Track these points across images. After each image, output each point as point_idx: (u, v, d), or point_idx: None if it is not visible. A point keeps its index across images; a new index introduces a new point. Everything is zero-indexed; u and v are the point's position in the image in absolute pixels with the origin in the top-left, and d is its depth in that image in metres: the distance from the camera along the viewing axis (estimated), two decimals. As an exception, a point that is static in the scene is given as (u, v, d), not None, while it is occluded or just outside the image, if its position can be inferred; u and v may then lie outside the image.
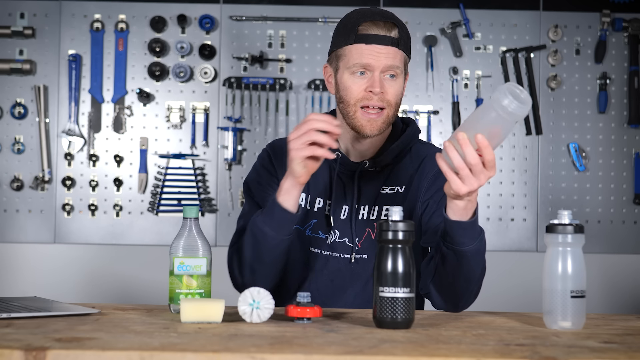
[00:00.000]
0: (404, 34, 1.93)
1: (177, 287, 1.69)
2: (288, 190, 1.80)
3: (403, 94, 1.96)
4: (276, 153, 2.05)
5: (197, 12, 3.76)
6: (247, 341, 1.36)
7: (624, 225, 3.76)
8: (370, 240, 1.97)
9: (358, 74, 1.89)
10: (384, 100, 1.89)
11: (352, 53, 1.89)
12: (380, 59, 1.87)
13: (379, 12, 1.93)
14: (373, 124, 1.90)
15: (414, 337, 1.43)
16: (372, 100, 1.89)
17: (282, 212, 1.81)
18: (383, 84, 1.88)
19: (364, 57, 1.88)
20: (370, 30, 1.89)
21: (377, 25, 1.89)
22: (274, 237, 1.82)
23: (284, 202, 1.81)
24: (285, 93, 3.75)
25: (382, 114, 1.90)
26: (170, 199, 3.72)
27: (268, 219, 1.82)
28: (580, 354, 1.31)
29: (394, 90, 1.90)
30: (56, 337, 1.36)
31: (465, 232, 1.72)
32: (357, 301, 1.96)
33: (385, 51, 1.88)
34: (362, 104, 1.89)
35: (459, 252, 1.75)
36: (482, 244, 1.78)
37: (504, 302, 3.55)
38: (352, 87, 1.90)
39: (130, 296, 3.70)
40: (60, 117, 3.73)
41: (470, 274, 1.79)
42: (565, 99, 3.78)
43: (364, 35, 1.88)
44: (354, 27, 1.89)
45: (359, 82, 1.90)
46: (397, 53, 1.90)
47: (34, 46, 3.74)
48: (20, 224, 3.71)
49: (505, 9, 3.79)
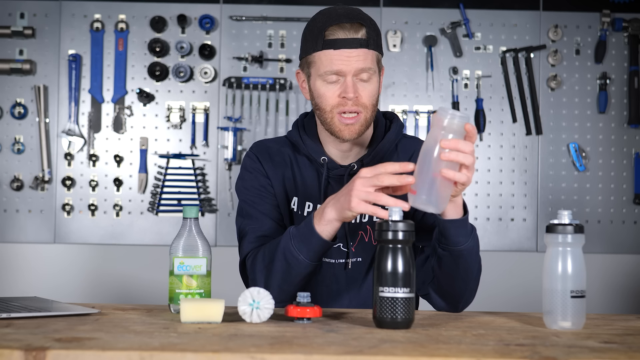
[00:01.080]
0: (372, 31, 1.86)
1: (177, 287, 1.69)
2: (331, 221, 1.74)
3: (380, 91, 1.92)
4: (263, 154, 2.02)
5: (197, 12, 3.76)
6: (247, 341, 1.36)
7: (624, 225, 3.76)
8: (363, 243, 1.96)
9: (331, 80, 1.86)
10: (359, 104, 1.85)
11: (321, 60, 1.85)
12: (351, 63, 1.83)
13: (345, 13, 1.86)
14: (351, 129, 1.87)
15: (414, 337, 1.43)
16: (346, 105, 1.85)
17: (320, 241, 1.76)
18: (357, 88, 1.85)
19: (334, 64, 1.83)
20: (337, 34, 1.83)
21: (343, 28, 1.83)
22: (309, 265, 1.80)
23: (323, 232, 1.75)
24: (285, 93, 3.75)
25: (359, 118, 1.87)
26: (170, 199, 3.72)
27: (304, 248, 1.78)
28: (580, 354, 1.31)
29: (369, 92, 1.86)
30: (56, 337, 1.36)
31: (459, 231, 1.73)
32: (352, 304, 1.95)
33: (355, 54, 1.83)
34: (338, 110, 1.86)
35: (455, 252, 1.75)
36: (476, 241, 1.78)
37: (504, 302, 3.55)
38: (327, 95, 1.86)
39: (130, 296, 3.70)
40: (60, 117, 3.73)
41: (468, 273, 1.80)
42: (565, 99, 3.78)
43: (331, 41, 1.83)
44: (320, 32, 1.84)
45: (332, 88, 1.86)
46: (367, 54, 1.84)
47: (34, 46, 3.74)
48: (20, 224, 3.71)
49: (505, 9, 3.79)
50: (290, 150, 2.02)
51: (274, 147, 2.03)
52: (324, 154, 1.96)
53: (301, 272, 1.80)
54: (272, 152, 2.02)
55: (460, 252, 1.75)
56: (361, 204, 1.66)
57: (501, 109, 3.78)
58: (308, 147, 1.98)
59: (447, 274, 1.80)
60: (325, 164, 1.95)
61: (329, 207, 1.74)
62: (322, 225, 1.75)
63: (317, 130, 1.99)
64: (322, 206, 1.77)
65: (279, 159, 2.01)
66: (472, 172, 1.65)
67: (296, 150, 2.01)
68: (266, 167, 2.00)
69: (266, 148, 2.03)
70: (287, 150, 2.02)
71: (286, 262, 1.80)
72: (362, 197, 1.66)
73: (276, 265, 1.82)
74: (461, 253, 1.75)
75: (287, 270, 1.81)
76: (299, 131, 2.00)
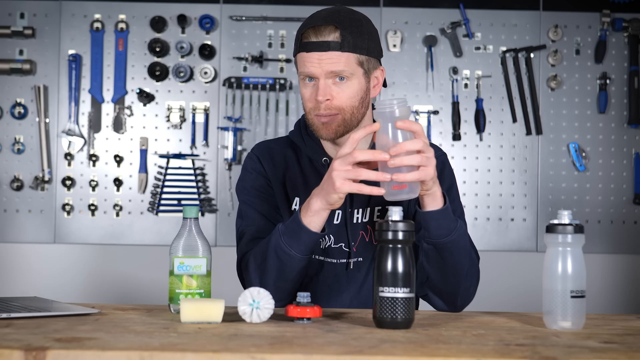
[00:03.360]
0: (349, 34, 1.84)
1: (177, 287, 1.69)
2: (318, 212, 1.75)
3: (376, 92, 1.93)
4: (264, 155, 2.02)
5: (197, 12, 3.76)
6: (247, 341, 1.36)
7: (624, 225, 3.76)
8: (364, 243, 1.96)
9: (307, 81, 1.87)
10: (331, 107, 1.85)
11: (299, 62, 1.88)
12: (322, 65, 1.83)
13: (325, 15, 1.86)
14: (327, 127, 1.87)
15: (414, 337, 1.43)
16: (319, 109, 1.86)
17: (309, 234, 1.77)
18: (330, 90, 1.85)
19: (306, 66, 1.85)
20: (310, 37, 1.84)
21: (316, 31, 1.84)
22: (301, 259, 1.80)
23: (310, 224, 1.76)
24: (285, 93, 3.75)
25: (336, 118, 1.86)
26: (170, 199, 3.72)
27: (294, 243, 1.78)
28: (580, 354, 1.31)
29: (345, 94, 1.85)
30: (56, 337, 1.36)
31: (440, 222, 1.73)
32: (353, 304, 1.95)
33: (325, 57, 1.83)
34: (314, 112, 1.87)
35: (439, 245, 1.76)
36: (462, 234, 1.78)
37: (504, 302, 3.55)
38: (305, 96, 1.88)
39: (130, 296, 3.71)
40: (60, 117, 3.73)
41: (456, 267, 1.80)
42: (565, 99, 3.78)
43: (304, 44, 1.85)
44: (299, 35, 1.87)
45: (309, 90, 1.87)
46: (340, 56, 1.83)
47: (34, 46, 3.74)
48: (20, 224, 3.71)
49: (505, 9, 3.79)
50: (292, 150, 2.02)
51: (276, 147, 2.03)
52: (325, 155, 1.96)
53: (294, 267, 1.81)
54: (273, 153, 2.02)
55: (444, 245, 1.76)
56: (345, 183, 1.67)
57: (501, 109, 3.78)
58: (309, 147, 1.98)
59: (435, 269, 1.80)
60: (327, 165, 1.95)
61: (314, 197, 1.75)
62: (309, 217, 1.76)
63: None
64: (307, 199, 1.78)
65: (280, 160, 2.01)
66: (431, 166, 1.65)
67: (298, 151, 2.02)
68: (267, 167, 2.00)
69: (267, 149, 2.03)
70: (288, 151, 2.02)
71: (278, 259, 1.80)
72: (343, 175, 1.67)
73: (269, 264, 1.82)
74: (445, 246, 1.76)
75: (281, 268, 1.81)
76: (301, 131, 2.00)
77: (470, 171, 3.76)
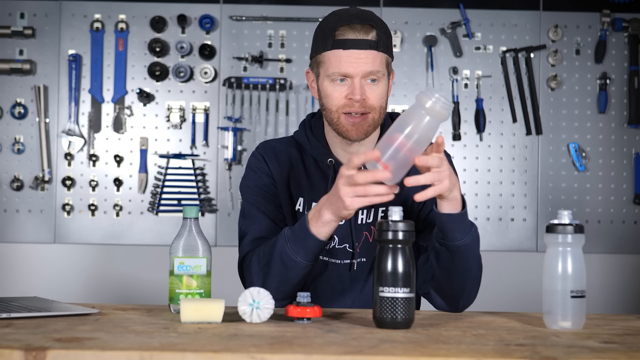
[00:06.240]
0: (382, 34, 1.86)
1: (177, 287, 1.69)
2: (328, 223, 1.74)
3: (389, 94, 1.93)
4: (268, 154, 2.01)
5: (197, 12, 3.76)
6: (247, 341, 1.36)
7: (624, 225, 3.76)
8: (367, 244, 1.96)
9: (338, 81, 1.86)
10: (366, 106, 1.85)
11: (330, 60, 1.85)
12: (360, 64, 1.83)
13: (357, 14, 1.86)
14: (358, 128, 1.87)
15: (414, 337, 1.43)
16: (353, 107, 1.85)
17: (316, 242, 1.76)
18: (364, 90, 1.85)
19: (342, 65, 1.83)
20: (347, 34, 1.83)
21: (353, 29, 1.83)
22: (307, 266, 1.79)
23: (320, 234, 1.75)
24: (285, 93, 3.75)
25: (367, 118, 1.87)
26: (170, 199, 3.72)
27: (301, 250, 1.77)
28: (580, 354, 1.31)
29: (377, 94, 1.86)
30: (56, 337, 1.36)
31: (456, 226, 1.72)
32: (355, 304, 1.95)
33: (364, 56, 1.83)
34: (344, 111, 1.86)
35: (452, 247, 1.75)
36: (475, 239, 1.77)
37: (504, 302, 3.55)
38: (333, 95, 1.86)
39: (130, 296, 3.71)
40: (60, 117, 3.73)
41: (465, 271, 1.79)
42: (565, 99, 3.78)
43: (341, 41, 1.83)
44: (331, 32, 1.84)
45: (340, 89, 1.86)
46: (376, 56, 1.84)
47: (34, 46, 3.74)
48: (20, 224, 3.71)
49: (505, 9, 3.79)
50: (297, 150, 2.01)
51: (280, 147, 2.03)
52: (330, 156, 1.96)
53: (299, 272, 1.80)
54: (278, 152, 2.01)
55: (457, 248, 1.75)
56: (355, 200, 1.66)
57: (501, 109, 3.78)
58: (314, 148, 1.97)
59: (444, 270, 1.79)
60: (332, 166, 1.95)
61: (325, 209, 1.73)
62: (319, 227, 1.75)
63: (325, 131, 1.99)
64: (316, 207, 1.76)
65: (284, 159, 2.00)
66: (446, 179, 1.64)
67: (302, 151, 2.01)
68: (271, 167, 2.00)
69: (272, 148, 2.03)
70: (293, 151, 2.01)
71: (283, 264, 1.80)
72: (351, 194, 1.65)
73: (273, 268, 1.81)
74: (458, 249, 1.75)
75: (285, 273, 1.81)
76: (306, 132, 2.00)
77: (470, 171, 3.76)
